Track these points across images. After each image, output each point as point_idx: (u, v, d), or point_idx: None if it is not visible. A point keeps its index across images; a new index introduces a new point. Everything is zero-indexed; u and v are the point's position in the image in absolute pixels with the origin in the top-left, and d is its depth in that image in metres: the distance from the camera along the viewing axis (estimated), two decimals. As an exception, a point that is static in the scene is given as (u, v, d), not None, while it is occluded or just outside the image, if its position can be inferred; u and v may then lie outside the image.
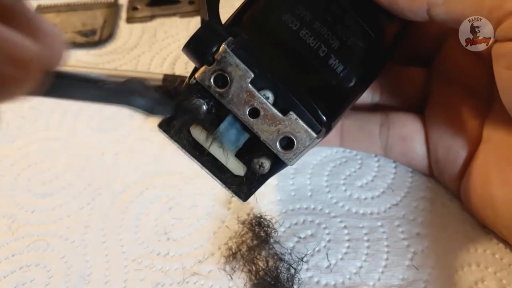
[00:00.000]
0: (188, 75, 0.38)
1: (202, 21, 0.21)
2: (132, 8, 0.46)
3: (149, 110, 0.18)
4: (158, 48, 0.42)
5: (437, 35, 0.29)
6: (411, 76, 0.31)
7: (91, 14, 0.45)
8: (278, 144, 0.21)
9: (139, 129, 0.35)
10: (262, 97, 0.20)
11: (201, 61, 0.20)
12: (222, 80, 0.20)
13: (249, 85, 0.20)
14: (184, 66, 0.40)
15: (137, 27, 0.44)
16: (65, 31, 0.44)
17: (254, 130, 0.21)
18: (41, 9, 0.46)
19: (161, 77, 0.37)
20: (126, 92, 0.18)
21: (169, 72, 0.39)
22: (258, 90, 0.20)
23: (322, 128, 0.21)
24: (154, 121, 0.36)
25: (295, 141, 0.20)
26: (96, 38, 0.43)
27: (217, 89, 0.20)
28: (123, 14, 0.46)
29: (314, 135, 0.20)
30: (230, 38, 0.20)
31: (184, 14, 0.45)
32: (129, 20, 0.45)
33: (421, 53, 0.30)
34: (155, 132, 0.35)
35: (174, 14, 0.45)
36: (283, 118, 0.20)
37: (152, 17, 0.45)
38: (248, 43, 0.20)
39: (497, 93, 0.24)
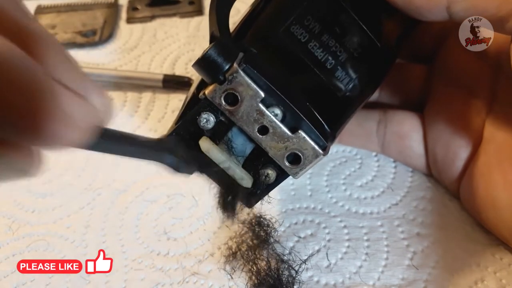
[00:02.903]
0: (188, 75, 0.38)
1: (211, 36, 0.21)
2: (132, 8, 0.46)
3: (176, 169, 0.20)
4: (158, 48, 0.42)
5: (439, 32, 0.29)
6: (411, 72, 0.31)
7: (91, 14, 0.45)
8: (285, 160, 0.21)
9: (139, 129, 0.35)
10: (271, 116, 0.20)
11: (212, 79, 0.20)
12: (232, 98, 0.20)
13: (260, 104, 0.20)
14: (184, 67, 0.40)
15: (137, 27, 0.44)
16: (65, 31, 0.44)
17: (262, 146, 0.21)
18: (41, 9, 0.46)
19: (161, 77, 0.37)
20: (159, 151, 0.19)
21: (169, 72, 0.39)
22: (267, 107, 0.20)
23: (328, 144, 0.21)
24: (154, 121, 0.36)
25: (302, 157, 0.21)
26: (96, 39, 0.43)
27: (227, 107, 0.20)
28: (123, 14, 0.46)
29: (321, 152, 0.21)
30: (240, 55, 0.20)
31: (184, 14, 0.45)
32: (129, 20, 0.45)
33: (422, 50, 0.30)
34: (155, 132, 0.35)
35: (174, 15, 0.45)
36: (291, 136, 0.20)
37: (152, 18, 0.45)
38: (257, 59, 0.20)
39: (500, 93, 0.24)
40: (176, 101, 0.37)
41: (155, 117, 0.36)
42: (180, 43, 0.42)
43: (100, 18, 0.45)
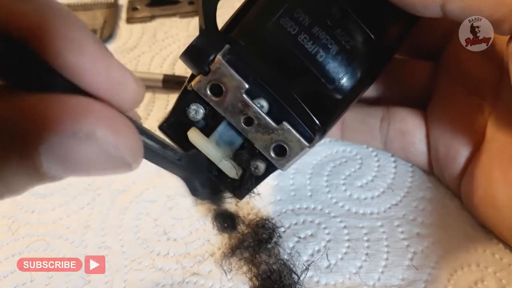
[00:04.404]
0: (188, 75, 0.38)
1: (200, 29, 0.22)
2: (132, 8, 0.46)
3: (194, 194, 0.21)
4: (158, 48, 0.42)
5: (445, 29, 0.29)
6: (416, 69, 0.30)
7: (91, 14, 0.45)
8: (271, 151, 0.21)
9: (139, 129, 0.35)
10: (256, 107, 0.20)
11: (198, 70, 0.20)
12: (218, 89, 0.20)
13: (244, 95, 0.20)
14: (184, 67, 0.40)
15: (137, 27, 0.44)
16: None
17: (248, 137, 0.21)
18: (41, 9, 0.46)
19: (161, 77, 0.37)
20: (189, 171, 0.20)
21: (169, 72, 0.39)
22: (253, 98, 0.20)
23: (315, 136, 0.21)
24: (154, 121, 0.36)
25: (287, 149, 0.21)
26: (96, 39, 0.43)
27: (213, 98, 0.20)
28: (123, 15, 0.46)
29: (306, 144, 0.21)
30: (226, 47, 0.20)
31: (184, 15, 0.45)
32: (129, 20, 0.45)
33: (427, 46, 0.30)
34: (155, 132, 0.35)
35: (174, 15, 0.45)
36: (276, 128, 0.20)
37: (152, 18, 0.45)
38: (244, 50, 0.21)
39: (504, 92, 0.24)
40: (176, 101, 0.37)
41: (155, 117, 0.36)
42: (180, 43, 0.42)
43: (100, 18, 0.45)
